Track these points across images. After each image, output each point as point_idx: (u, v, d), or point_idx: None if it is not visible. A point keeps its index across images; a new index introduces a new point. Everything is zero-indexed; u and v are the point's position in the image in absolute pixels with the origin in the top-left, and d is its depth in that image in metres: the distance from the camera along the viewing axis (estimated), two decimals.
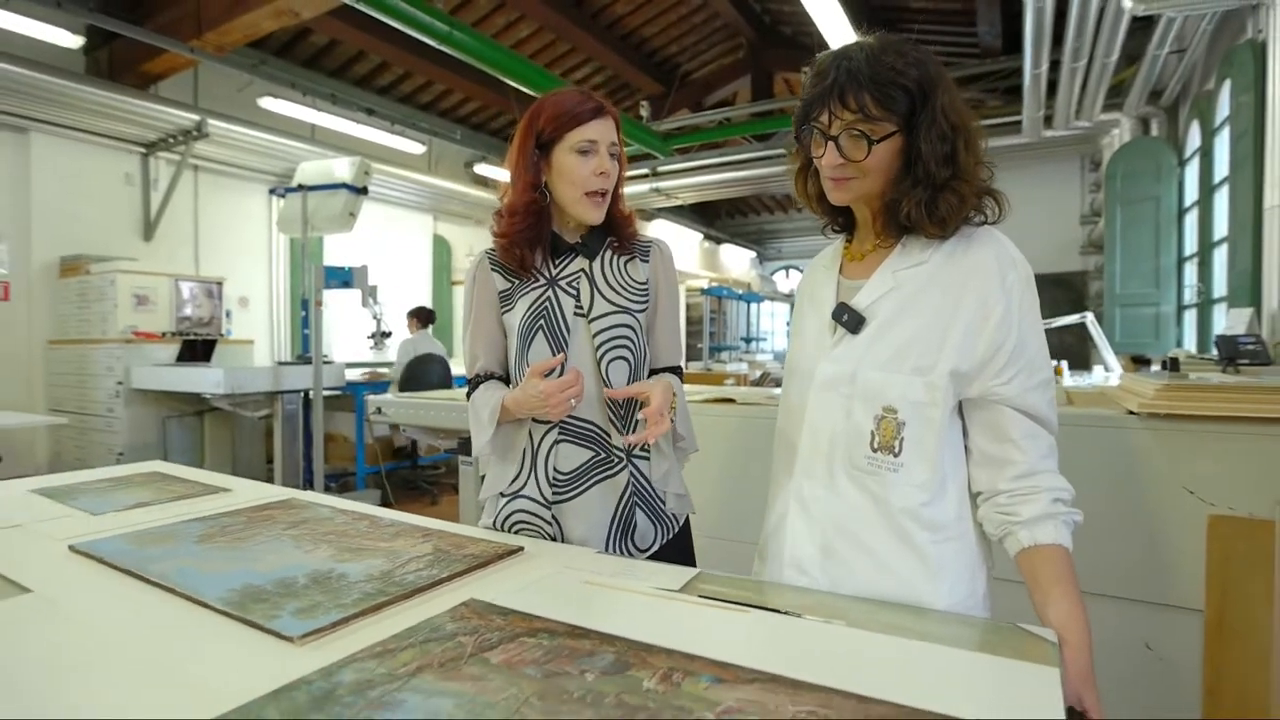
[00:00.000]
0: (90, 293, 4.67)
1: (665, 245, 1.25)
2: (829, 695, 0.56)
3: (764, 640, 0.70)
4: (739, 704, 0.55)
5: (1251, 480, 1.44)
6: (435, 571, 0.87)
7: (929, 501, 0.82)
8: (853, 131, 0.82)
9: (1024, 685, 0.61)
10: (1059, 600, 0.76)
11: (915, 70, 0.81)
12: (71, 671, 0.63)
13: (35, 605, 0.79)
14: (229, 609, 0.75)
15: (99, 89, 4.84)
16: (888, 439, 0.82)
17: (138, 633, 0.72)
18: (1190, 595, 1.50)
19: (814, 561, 0.88)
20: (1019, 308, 0.81)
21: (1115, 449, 1.57)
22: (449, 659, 0.63)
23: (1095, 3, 3.71)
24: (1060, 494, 0.80)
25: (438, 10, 4.17)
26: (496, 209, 1.18)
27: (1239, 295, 3.53)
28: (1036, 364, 0.81)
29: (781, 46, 7.87)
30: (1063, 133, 5.89)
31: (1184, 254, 5.36)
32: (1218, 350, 2.74)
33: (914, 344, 0.83)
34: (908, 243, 0.88)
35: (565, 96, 1.11)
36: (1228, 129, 3.99)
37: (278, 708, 0.55)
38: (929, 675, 0.62)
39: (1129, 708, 1.57)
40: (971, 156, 0.82)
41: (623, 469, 1.12)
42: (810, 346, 0.93)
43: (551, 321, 1.12)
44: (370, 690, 0.58)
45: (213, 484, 1.43)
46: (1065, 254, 8.17)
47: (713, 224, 12.61)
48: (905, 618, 0.76)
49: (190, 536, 1.03)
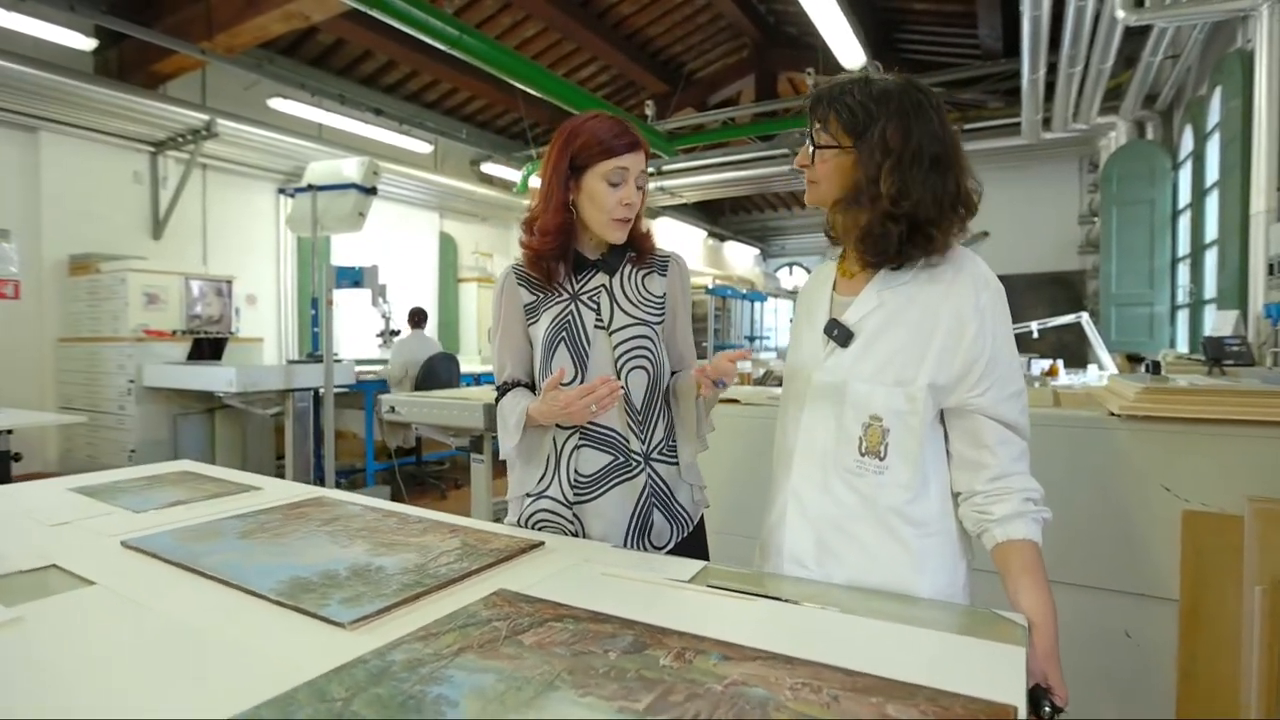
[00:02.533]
0: (101, 291, 4.75)
1: (681, 259, 1.32)
2: (820, 669, 0.65)
3: (765, 624, 0.79)
4: (743, 677, 0.64)
5: (1222, 478, 1.53)
6: (465, 564, 0.95)
7: (913, 500, 0.90)
8: (812, 139, 0.96)
9: (993, 662, 0.69)
10: (1029, 589, 0.85)
11: (870, 102, 0.91)
12: (149, 651, 0.71)
13: (102, 596, 0.87)
14: (282, 599, 0.84)
15: (108, 89, 4.92)
16: (874, 444, 0.91)
17: (202, 619, 0.80)
18: (1166, 586, 1.59)
19: (810, 555, 0.96)
20: (992, 325, 0.89)
21: (1098, 449, 1.66)
22: (487, 641, 0.72)
23: (1090, 12, 3.79)
24: (1030, 494, 0.88)
25: (447, 15, 4.24)
26: (524, 219, 1.24)
27: (1227, 297, 3.61)
28: (1009, 377, 0.90)
29: (785, 47, 7.93)
30: (1061, 135, 5.97)
31: (1177, 255, 5.45)
32: (1204, 351, 2.83)
33: (896, 358, 0.91)
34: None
35: (604, 126, 1.16)
36: (1218, 134, 4.07)
37: (341, 683, 0.63)
38: (910, 653, 0.70)
39: (1110, 692, 1.67)
40: (891, 184, 0.88)
41: (641, 472, 1.19)
42: (806, 357, 1.02)
43: (573, 334, 1.19)
44: (421, 668, 0.66)
45: (242, 483, 1.51)
46: (1064, 253, 8.24)
47: (716, 221, 12.68)
48: (891, 604, 0.85)
49: (233, 533, 1.11)
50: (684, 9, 7.31)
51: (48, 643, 0.73)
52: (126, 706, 0.61)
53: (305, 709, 0.58)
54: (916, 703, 0.59)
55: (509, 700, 0.60)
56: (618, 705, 0.59)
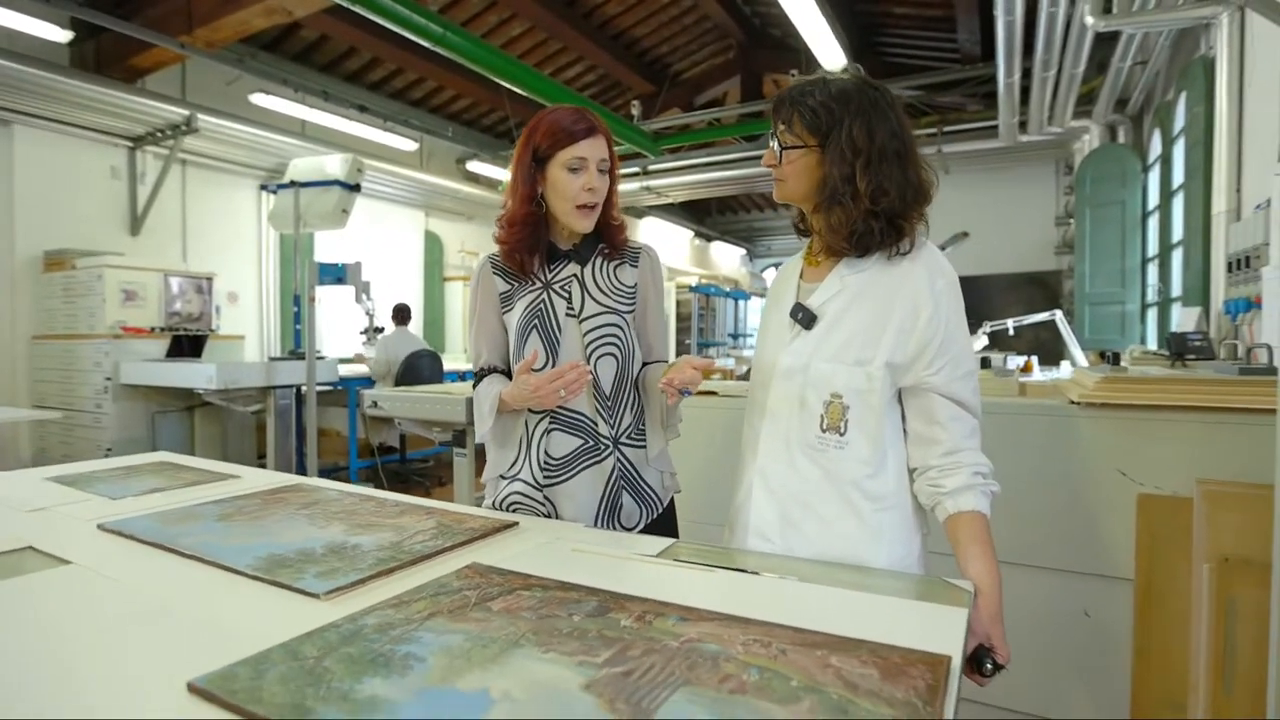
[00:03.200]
0: (77, 287, 4.69)
1: (653, 251, 1.36)
2: (772, 628, 0.68)
3: (725, 592, 0.82)
4: (699, 635, 0.67)
5: (1174, 462, 1.59)
6: (440, 542, 0.98)
7: (872, 475, 0.95)
8: (778, 140, 1.00)
9: (936, 622, 0.73)
10: (976, 558, 0.89)
11: (831, 102, 0.95)
12: (126, 625, 0.74)
13: (78, 574, 0.89)
14: (258, 574, 0.86)
15: (85, 82, 4.86)
16: (835, 421, 0.95)
17: (177, 594, 0.82)
18: (1123, 566, 1.65)
19: (774, 529, 1.00)
20: (946, 310, 0.94)
21: (1059, 435, 1.72)
22: (456, 607, 0.75)
23: (1061, 18, 3.88)
24: (980, 469, 0.93)
25: (431, 13, 4.25)
26: (499, 216, 1.28)
27: (1192, 295, 3.71)
28: (961, 358, 0.94)
29: (770, 48, 7.99)
30: (1037, 138, 6.08)
31: (1147, 255, 5.57)
32: (1168, 347, 2.92)
33: (856, 339, 0.96)
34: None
35: (561, 115, 1.20)
36: (1184, 138, 4.18)
37: (313, 644, 0.66)
38: (859, 615, 0.74)
39: (1071, 669, 1.72)
40: (869, 182, 0.94)
41: (610, 455, 1.23)
42: (773, 341, 1.06)
43: (545, 322, 1.23)
44: (392, 630, 0.69)
45: (221, 472, 1.52)
46: (1042, 253, 8.37)
47: (703, 221, 12.74)
48: (849, 574, 0.89)
49: (211, 516, 1.13)
50: (670, 10, 7.34)
51: (23, 616, 0.75)
52: (99, 671, 0.63)
53: (278, 667, 0.61)
54: (859, 654, 0.63)
55: (475, 656, 0.63)
56: (578, 660, 0.62)
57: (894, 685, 0.58)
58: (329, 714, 0.53)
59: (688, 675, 0.59)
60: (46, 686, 0.59)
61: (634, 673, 0.60)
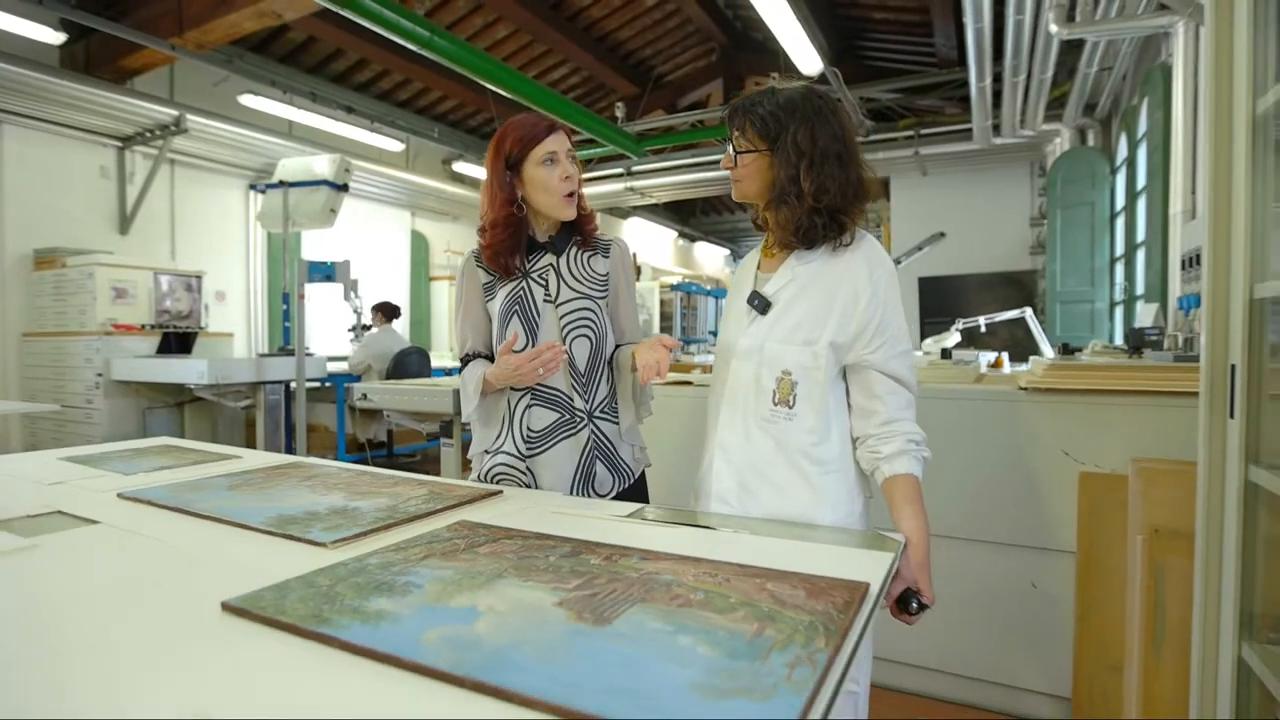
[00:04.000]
0: (67, 285, 4.74)
1: (623, 243, 1.48)
2: (721, 565, 0.80)
3: (684, 542, 0.93)
4: (657, 570, 0.78)
5: (1112, 442, 1.73)
6: (432, 505, 1.09)
7: (817, 443, 1.07)
8: (733, 145, 1.12)
9: (865, 562, 0.85)
10: (908, 515, 1.01)
11: (778, 110, 1.07)
12: (158, 566, 0.84)
13: (108, 531, 0.99)
14: (270, 528, 0.96)
15: (75, 83, 4.91)
16: (784, 395, 1.07)
17: (200, 546, 0.92)
18: (1066, 540, 1.78)
19: (733, 494, 1.12)
20: (883, 295, 1.06)
21: (1009, 419, 1.85)
22: (448, 552, 0.85)
23: (1028, 26, 4.03)
24: (913, 437, 1.05)
25: (419, 16, 4.34)
26: (480, 227, 1.40)
27: (1153, 292, 3.88)
28: (897, 339, 1.07)
29: (752, 52, 8.12)
30: (1010, 140, 6.26)
31: (1115, 255, 5.76)
32: (1127, 341, 3.07)
33: (804, 322, 1.07)
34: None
35: (522, 121, 1.34)
36: (1147, 142, 4.35)
37: (325, 576, 0.77)
38: (800, 558, 0.86)
39: (1018, 637, 1.85)
40: (811, 182, 1.05)
41: (585, 427, 1.35)
42: (733, 325, 1.18)
43: (525, 307, 1.34)
44: (392, 567, 0.80)
45: (223, 453, 1.62)
46: (1018, 253, 8.55)
47: (687, 222, 12.87)
48: (797, 529, 1.00)
49: (220, 487, 1.23)
50: (654, 13, 7.46)
51: (68, 560, 0.85)
52: (144, 598, 0.74)
53: (297, 591, 0.72)
54: (791, 581, 0.74)
55: (464, 584, 0.74)
56: (552, 586, 0.73)
57: (816, 601, 0.69)
58: (344, 621, 0.63)
59: (644, 596, 0.70)
60: (104, 611, 0.70)
61: (599, 595, 0.71)
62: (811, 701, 0.50)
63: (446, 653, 0.57)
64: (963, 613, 1.87)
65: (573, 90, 8.39)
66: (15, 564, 0.83)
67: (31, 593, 0.75)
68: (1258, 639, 1.36)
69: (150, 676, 0.55)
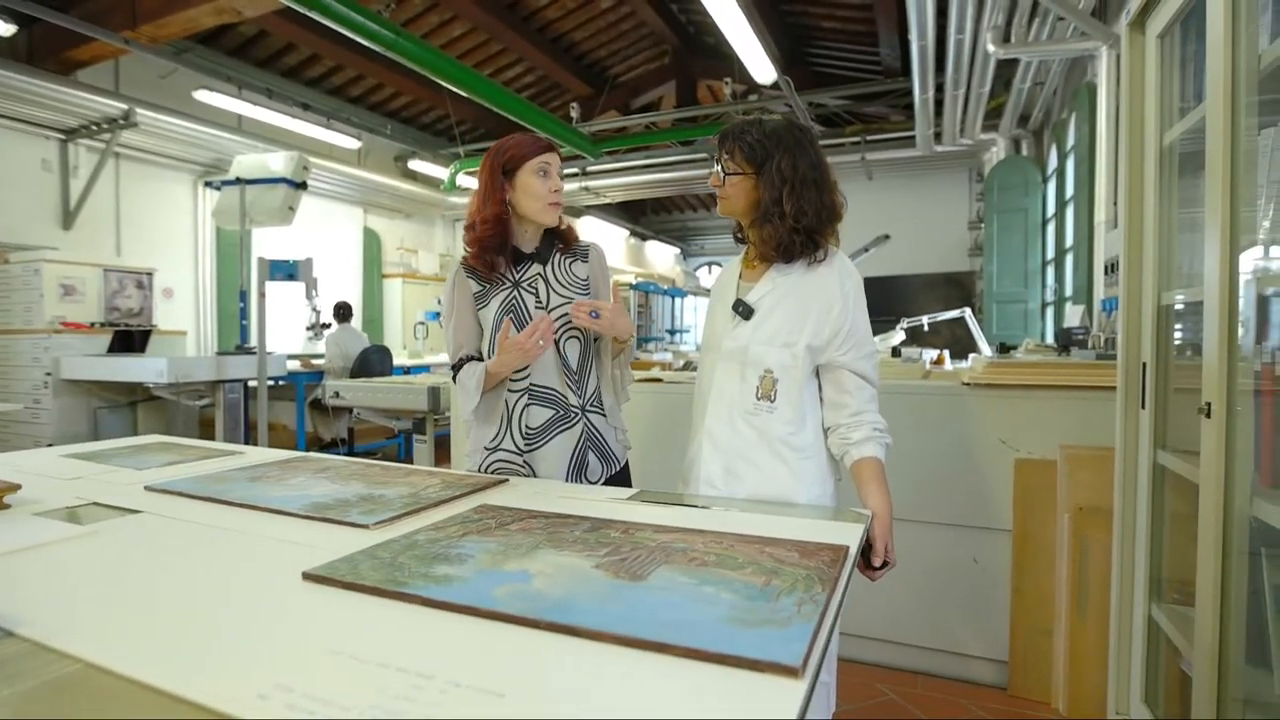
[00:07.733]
0: (12, 282, 4.60)
1: (599, 246, 1.61)
2: (723, 535, 0.94)
3: (684, 518, 1.07)
4: (670, 539, 0.92)
5: (1043, 431, 1.94)
6: (450, 492, 1.20)
7: (794, 432, 1.22)
8: (722, 167, 1.26)
9: (841, 531, 1.00)
10: (874, 492, 1.17)
11: (764, 139, 1.22)
12: (219, 546, 0.93)
13: (152, 519, 1.05)
14: (310, 514, 1.06)
15: (17, 74, 4.75)
16: (766, 391, 1.22)
17: (249, 528, 1.01)
18: (1003, 519, 1.99)
19: (719, 478, 1.26)
20: (852, 304, 1.22)
21: (953, 411, 2.05)
22: (483, 530, 0.97)
23: (967, 44, 4.31)
24: (878, 425, 1.21)
25: (383, 18, 4.35)
26: (467, 224, 1.50)
27: (1080, 294, 4.20)
28: (864, 342, 1.23)
29: (705, 56, 8.32)
30: (951, 148, 6.60)
31: (1046, 258, 6.16)
32: (1057, 340, 3.34)
33: (784, 327, 1.23)
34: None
35: (524, 138, 1.47)
36: (1074, 154, 4.69)
37: (385, 550, 0.87)
38: (786, 529, 1.00)
39: (962, 608, 2.06)
40: (792, 205, 1.20)
41: (578, 421, 1.47)
42: (718, 329, 1.32)
43: (519, 314, 1.46)
44: (440, 542, 0.91)
45: (224, 449, 1.68)
46: (957, 255, 9.02)
47: (638, 221, 13.02)
48: (779, 508, 1.15)
49: (242, 479, 1.31)
50: (608, 15, 7.57)
51: (131, 539, 0.94)
52: (227, 570, 0.83)
53: (366, 561, 0.82)
54: (785, 546, 0.89)
55: (509, 554, 0.86)
56: (585, 554, 0.86)
57: (808, 559, 0.84)
58: (418, 584, 0.75)
59: (666, 559, 0.84)
60: (204, 582, 0.79)
61: (627, 559, 0.84)
62: (818, 629, 0.64)
63: (516, 603, 0.69)
64: (912, 588, 2.06)
65: (527, 89, 8.44)
66: (93, 546, 0.91)
67: (125, 568, 0.83)
68: (1165, 600, 1.58)
69: (280, 627, 0.66)
